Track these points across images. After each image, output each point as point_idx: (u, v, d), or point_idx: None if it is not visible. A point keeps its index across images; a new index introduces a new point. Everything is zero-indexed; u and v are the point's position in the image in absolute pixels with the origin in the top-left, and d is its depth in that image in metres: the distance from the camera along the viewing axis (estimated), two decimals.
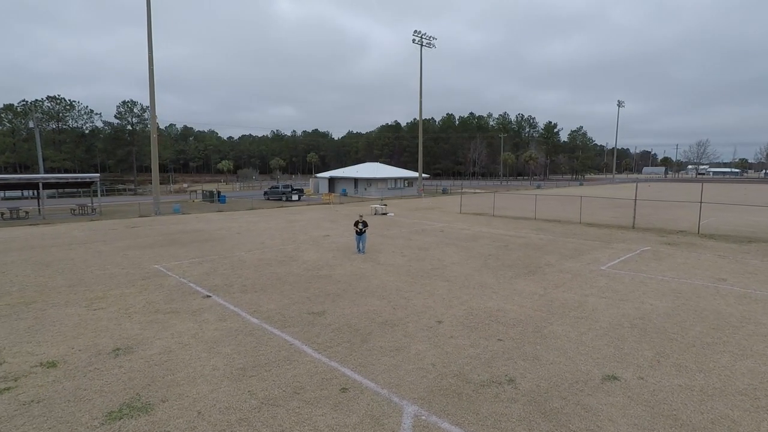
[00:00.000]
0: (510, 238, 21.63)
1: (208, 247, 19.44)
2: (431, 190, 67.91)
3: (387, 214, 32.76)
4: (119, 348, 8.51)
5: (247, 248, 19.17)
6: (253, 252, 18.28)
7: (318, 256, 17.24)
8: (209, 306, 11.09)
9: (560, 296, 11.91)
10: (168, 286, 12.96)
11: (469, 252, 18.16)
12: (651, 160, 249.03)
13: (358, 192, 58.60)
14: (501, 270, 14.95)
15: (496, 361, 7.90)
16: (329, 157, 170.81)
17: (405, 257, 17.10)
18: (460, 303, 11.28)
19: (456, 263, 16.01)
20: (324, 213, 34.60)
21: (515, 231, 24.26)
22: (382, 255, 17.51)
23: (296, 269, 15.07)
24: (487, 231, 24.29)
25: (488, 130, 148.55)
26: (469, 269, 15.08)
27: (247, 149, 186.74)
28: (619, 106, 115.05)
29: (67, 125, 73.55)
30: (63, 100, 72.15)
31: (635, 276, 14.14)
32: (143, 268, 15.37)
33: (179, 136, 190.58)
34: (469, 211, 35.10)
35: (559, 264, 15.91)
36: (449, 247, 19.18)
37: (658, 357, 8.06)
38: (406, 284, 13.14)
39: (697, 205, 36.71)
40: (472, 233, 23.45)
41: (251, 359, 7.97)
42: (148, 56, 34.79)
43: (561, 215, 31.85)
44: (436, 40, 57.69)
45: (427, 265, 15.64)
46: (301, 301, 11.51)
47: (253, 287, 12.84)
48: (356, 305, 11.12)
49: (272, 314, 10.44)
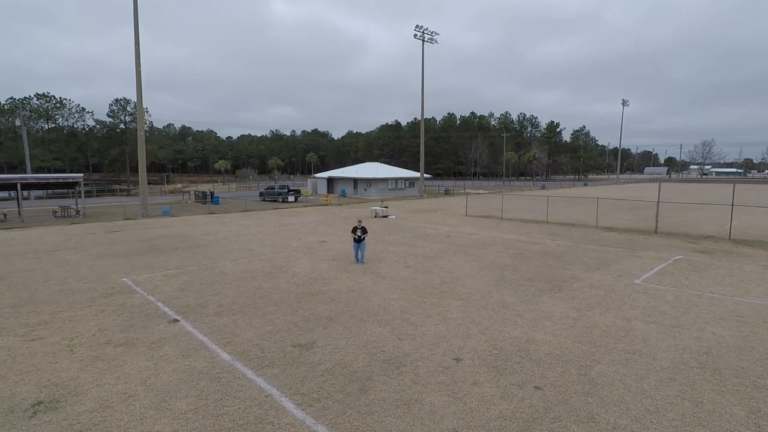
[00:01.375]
0: (524, 245, 19.62)
1: (189, 256, 17.43)
2: (433, 190, 65.91)
3: (388, 217, 30.77)
4: (41, 401, 6.50)
5: (232, 257, 17.16)
6: (239, 262, 16.26)
7: (311, 267, 15.23)
8: (173, 335, 9.08)
9: (598, 320, 9.90)
10: (131, 307, 10.95)
11: (481, 261, 16.14)
12: (652, 160, 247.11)
13: (357, 193, 56.59)
14: (521, 285, 12.94)
15: (539, 424, 5.89)
16: (329, 157, 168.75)
17: (409, 268, 15.09)
18: (480, 331, 9.27)
19: (468, 276, 14.00)
20: (321, 215, 32.60)
21: (528, 236, 22.25)
22: (383, 265, 15.50)
23: (285, 284, 13.06)
24: (497, 236, 22.28)
25: (490, 130, 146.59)
26: (484, 283, 13.07)
27: (246, 149, 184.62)
28: (623, 105, 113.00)
29: (57, 124, 71.37)
30: (52, 98, 69.83)
31: (679, 293, 12.13)
32: (108, 283, 13.36)
33: (177, 135, 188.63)
34: (475, 213, 33.10)
35: (587, 277, 13.90)
36: (458, 256, 17.17)
37: (755, 418, 6.05)
38: (413, 304, 11.13)
39: (715, 207, 34.86)
40: (481, 239, 21.44)
41: (211, 421, 5.96)
42: (135, 50, 32.89)
43: (573, 218, 29.84)
44: (438, 36, 55.74)
45: (435, 279, 13.63)
46: (286, 327, 9.50)
47: (230, 308, 10.83)
48: (353, 334, 9.11)
49: (248, 347, 8.43)
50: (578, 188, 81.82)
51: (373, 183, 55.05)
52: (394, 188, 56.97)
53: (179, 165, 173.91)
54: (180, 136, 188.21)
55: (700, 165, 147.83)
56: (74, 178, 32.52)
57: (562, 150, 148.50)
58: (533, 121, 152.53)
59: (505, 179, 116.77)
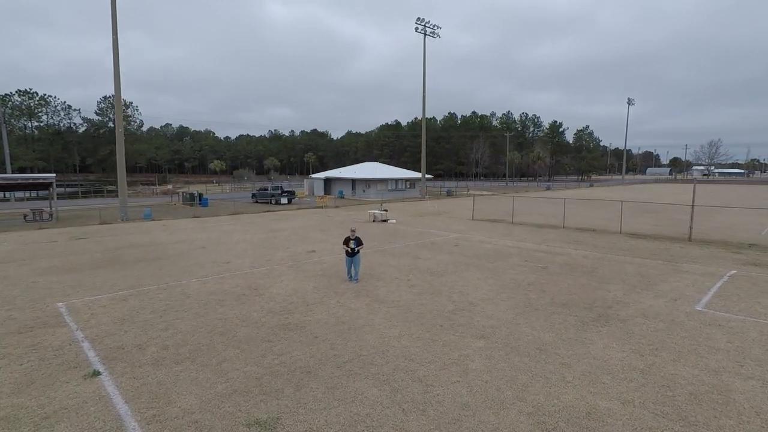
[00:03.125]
0: (545, 256, 16.93)
1: (152, 271, 14.73)
2: (434, 191, 63.19)
3: (388, 221, 28.07)
4: None
5: (203, 272, 14.46)
6: (208, 279, 13.56)
7: (294, 287, 12.53)
8: (82, 401, 6.38)
9: (676, 373, 7.21)
10: (45, 349, 8.26)
11: (499, 278, 13.45)
12: (654, 160, 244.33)
13: (356, 194, 53.90)
14: (555, 313, 10.25)
15: None
16: (328, 157, 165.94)
17: (414, 288, 12.39)
18: (517, 394, 6.58)
19: (487, 299, 11.31)
20: (315, 219, 29.90)
21: (547, 244, 19.56)
22: (381, 284, 12.81)
23: (257, 312, 10.36)
24: (512, 245, 19.58)
25: (491, 130, 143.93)
26: (508, 311, 10.38)
27: (244, 149, 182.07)
28: (628, 104, 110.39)
29: (40, 122, 68.37)
30: (35, 95, 66.86)
31: (762, 326, 9.43)
32: (37, 309, 10.66)
33: (175, 135, 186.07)
34: (483, 216, 30.39)
35: (633, 301, 11.20)
36: (471, 271, 14.47)
37: None
38: (420, 344, 8.43)
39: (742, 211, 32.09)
40: (494, 248, 18.75)
41: None
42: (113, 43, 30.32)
43: (592, 222, 27.15)
44: (440, 29, 53.08)
45: (446, 304, 10.93)
46: (245, 387, 6.80)
47: (177, 351, 8.13)
48: (337, 400, 6.42)
49: (181, 426, 5.74)
50: (585, 189, 79.13)
51: (372, 184, 52.38)
52: (394, 189, 54.30)
53: (176, 165, 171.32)
54: (177, 136, 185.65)
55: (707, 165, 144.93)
56: (46, 179, 29.84)
57: (565, 150, 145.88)
58: (536, 121, 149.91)
59: (507, 180, 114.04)
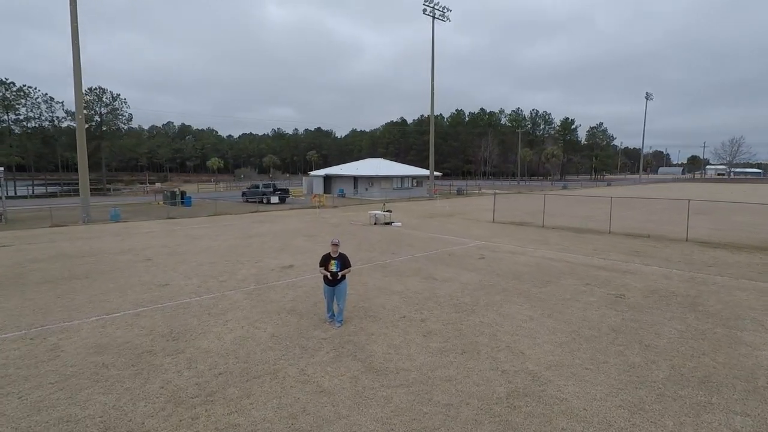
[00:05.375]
0: (611, 276, 12.16)
1: (50, 298, 10.14)
2: (443, 190, 58.38)
3: (392, 224, 23.39)
4: None
5: (118, 302, 9.85)
6: (116, 317, 8.94)
7: (240, 335, 7.87)
8: None
9: None
10: None
11: (561, 318, 8.72)
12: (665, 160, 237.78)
13: (358, 193, 49.24)
14: (700, 407, 5.51)
15: None
16: (332, 156, 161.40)
17: (432, 340, 7.70)
18: None
19: (558, 365, 6.58)
20: (304, 222, 25.26)
21: (600, 256, 14.78)
22: (380, 330, 8.13)
23: (149, 399, 5.71)
24: (555, 257, 14.82)
25: (500, 128, 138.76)
26: (608, 399, 5.64)
27: (247, 148, 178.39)
28: (647, 99, 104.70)
29: (18, 115, 63.85)
30: (12, 85, 62.48)
31: None
32: None
33: (177, 134, 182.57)
34: (504, 219, 25.61)
35: None
36: (514, 302, 9.75)
37: None
38: None
39: None
40: (534, 262, 14.00)
41: None
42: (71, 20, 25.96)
43: (639, 226, 22.32)
44: (450, 12, 48.27)
45: (491, 377, 6.23)
46: None
47: None
48: None
49: None
50: (602, 188, 74.04)
51: (376, 182, 47.69)
52: (399, 188, 49.57)
53: (178, 164, 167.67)
54: (179, 135, 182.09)
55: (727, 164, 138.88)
56: None
57: (577, 148, 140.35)
58: (546, 118, 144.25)
59: (519, 179, 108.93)
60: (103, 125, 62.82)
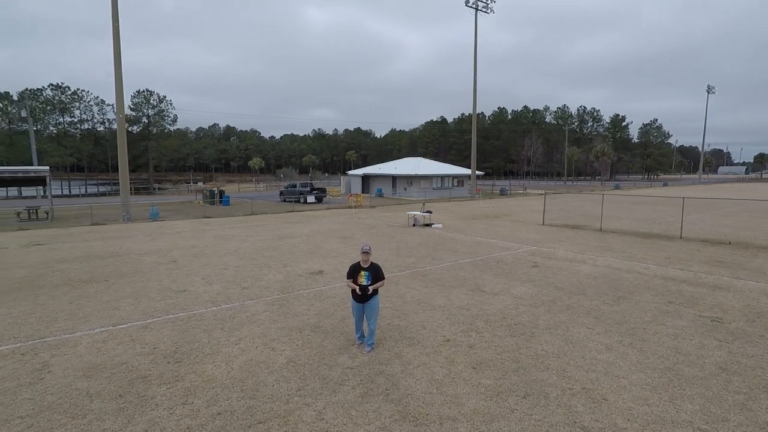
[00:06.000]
0: (697, 291, 10.10)
1: (62, 304, 9.38)
2: (485, 190, 55.98)
3: (432, 226, 21.82)
4: None
5: (129, 311, 8.94)
6: (120, 329, 7.97)
7: (251, 358, 6.64)
8: None
9: None
10: None
11: (646, 348, 6.92)
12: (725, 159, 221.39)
13: (396, 192, 47.91)
14: None
15: None
16: (371, 156, 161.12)
17: (482, 373, 6.15)
18: None
19: (662, 420, 4.88)
20: (340, 223, 24.13)
21: (678, 266, 12.61)
22: (417, 359, 6.66)
23: None
24: (623, 266, 12.80)
25: (545, 126, 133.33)
26: None
27: (288, 148, 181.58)
28: (708, 92, 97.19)
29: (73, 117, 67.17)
30: (67, 89, 65.83)
31: None
32: None
33: (222, 136, 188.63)
34: (556, 221, 23.44)
35: None
36: (582, 323, 8.01)
37: None
38: None
39: None
40: (600, 272, 12.07)
41: None
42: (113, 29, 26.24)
43: (710, 230, 19.62)
44: (494, 3, 45.99)
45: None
46: None
47: None
48: None
49: None
50: (658, 188, 68.96)
51: (415, 181, 46.17)
52: (439, 187, 47.77)
53: (223, 165, 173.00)
54: (224, 137, 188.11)
55: None
56: (38, 173, 26.01)
57: (629, 147, 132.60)
58: (595, 115, 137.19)
59: (565, 178, 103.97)
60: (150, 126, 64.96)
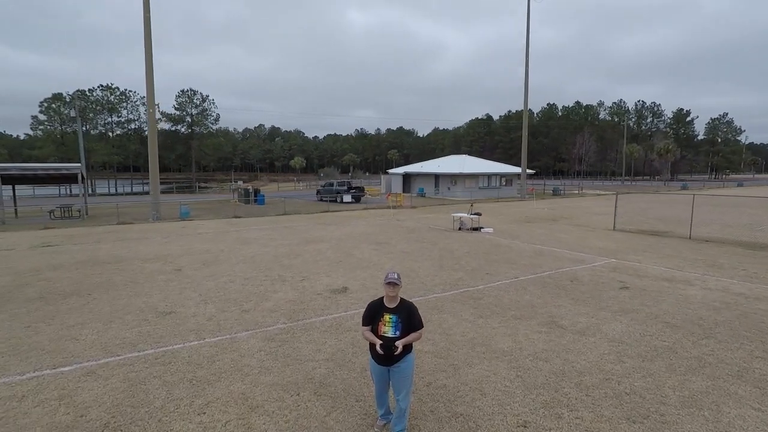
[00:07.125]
0: None
1: (8, 332, 7.44)
2: (537, 191, 51.80)
3: (481, 230, 18.89)
4: None
5: (88, 341, 6.81)
6: (60, 376, 5.80)
7: None
8: None
9: None
10: None
11: None
12: None
13: (439, 192, 44.96)
14: None
15: None
16: (413, 155, 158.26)
17: None
18: None
19: None
20: (376, 225, 21.65)
21: None
22: None
23: None
24: (748, 291, 9.45)
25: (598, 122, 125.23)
26: None
27: (330, 148, 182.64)
28: None
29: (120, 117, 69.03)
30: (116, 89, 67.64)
31: None
32: None
33: (267, 136, 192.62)
34: (627, 226, 19.82)
35: None
36: (737, 395, 5.02)
37: None
38: None
39: None
40: (718, 298, 8.83)
41: None
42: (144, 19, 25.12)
43: None
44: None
45: None
46: None
47: None
48: None
49: None
50: (732, 188, 61.75)
51: (459, 180, 43.03)
52: (486, 187, 44.35)
53: (267, 164, 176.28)
54: (269, 137, 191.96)
55: None
56: (69, 170, 25.30)
57: (693, 144, 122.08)
58: (655, 110, 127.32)
59: (623, 178, 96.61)
60: (193, 125, 65.63)
